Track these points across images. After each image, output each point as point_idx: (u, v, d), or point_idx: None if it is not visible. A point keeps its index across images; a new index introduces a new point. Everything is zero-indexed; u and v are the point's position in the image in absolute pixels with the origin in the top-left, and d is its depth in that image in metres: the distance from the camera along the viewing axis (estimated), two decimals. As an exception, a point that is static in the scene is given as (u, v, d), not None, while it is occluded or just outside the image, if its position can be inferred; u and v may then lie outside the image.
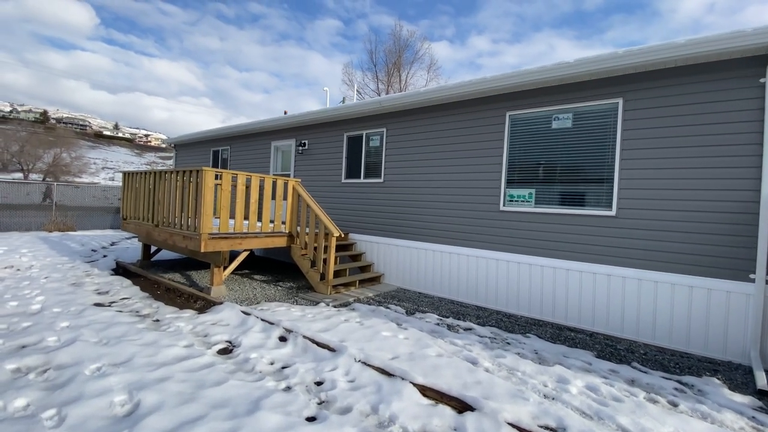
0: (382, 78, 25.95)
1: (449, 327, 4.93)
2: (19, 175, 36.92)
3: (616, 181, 4.92)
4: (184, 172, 5.75)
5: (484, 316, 5.52)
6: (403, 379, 3.23)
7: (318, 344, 3.92)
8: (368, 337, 4.26)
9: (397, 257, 7.09)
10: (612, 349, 4.49)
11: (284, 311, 5.13)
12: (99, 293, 5.86)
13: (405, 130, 7.06)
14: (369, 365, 3.49)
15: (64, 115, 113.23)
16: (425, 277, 6.69)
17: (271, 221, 6.38)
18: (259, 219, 7.07)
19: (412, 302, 6.04)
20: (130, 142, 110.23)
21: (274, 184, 6.35)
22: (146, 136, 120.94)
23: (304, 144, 8.87)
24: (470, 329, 4.91)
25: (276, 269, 8.24)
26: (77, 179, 40.06)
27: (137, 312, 5.03)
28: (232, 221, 5.94)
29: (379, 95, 24.40)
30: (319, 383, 3.28)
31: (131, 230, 7.37)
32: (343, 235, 6.27)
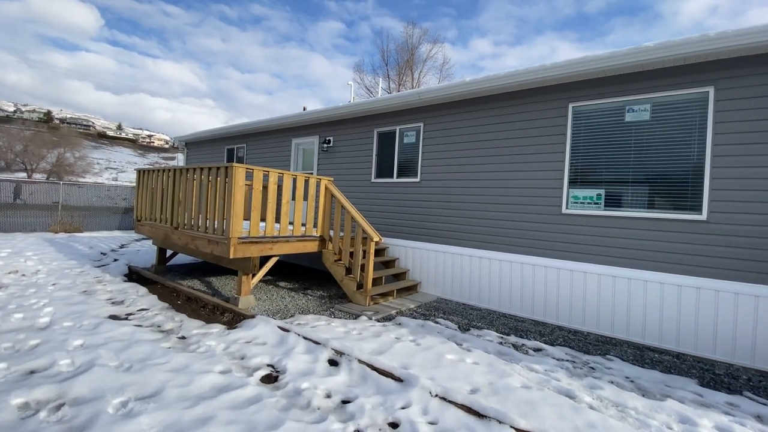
0: (393, 77, 25.41)
1: (515, 347, 4.32)
2: (23, 174, 36.51)
3: (707, 181, 4.31)
4: (209, 168, 5.16)
5: (546, 332, 4.90)
6: (500, 422, 2.62)
7: (379, 371, 3.31)
8: (432, 361, 3.65)
9: (435, 264, 6.48)
10: (712, 375, 3.87)
11: (325, 326, 4.52)
12: (113, 303, 5.26)
13: (446, 125, 6.46)
14: (450, 401, 2.88)
15: (68, 116, 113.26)
16: (470, 286, 6.07)
17: (303, 224, 5.78)
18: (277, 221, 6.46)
19: (460, 315, 5.42)
20: (133, 143, 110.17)
21: (307, 183, 5.75)
22: (149, 136, 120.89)
23: (329, 141, 8.27)
24: (540, 350, 4.28)
25: (300, 275, 7.63)
26: (80, 179, 39.65)
27: (159, 327, 4.43)
28: (261, 224, 5.34)
29: (390, 93, 23.83)
30: (394, 425, 2.67)
31: (146, 233, 6.78)
32: (381, 240, 5.67)
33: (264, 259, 5.40)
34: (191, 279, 6.81)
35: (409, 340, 4.21)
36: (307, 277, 7.56)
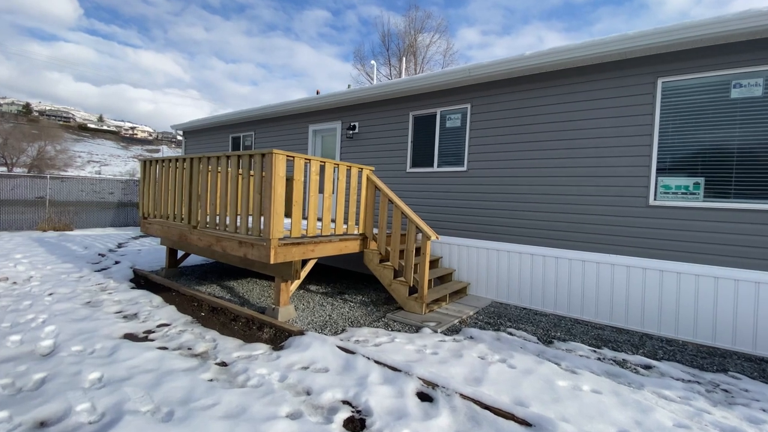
0: (394, 64, 24.41)
1: (618, 364, 3.66)
2: (3, 169, 34.60)
3: (840, 166, 3.66)
4: (239, 157, 4.32)
5: (637, 342, 4.26)
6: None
7: (493, 411, 2.60)
8: (545, 390, 2.95)
9: (488, 263, 5.78)
10: None
11: (390, 344, 3.79)
12: (125, 317, 4.44)
13: (500, 106, 5.70)
14: (610, 456, 2.19)
15: (47, 108, 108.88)
16: (531, 288, 5.39)
17: (345, 221, 5.00)
18: (319, 218, 5.68)
19: (529, 323, 4.75)
20: (115, 135, 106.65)
21: (348, 173, 4.96)
22: (132, 128, 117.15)
23: (354, 127, 7.45)
24: (649, 367, 3.63)
25: (329, 277, 6.86)
26: (63, 173, 37.86)
27: (190, 349, 3.64)
28: (302, 222, 4.55)
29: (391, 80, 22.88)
30: (552, 497, 1.97)
31: (155, 232, 5.92)
32: (438, 238, 4.93)
33: (301, 263, 4.62)
34: (209, 284, 5.99)
35: (497, 360, 3.51)
36: (337, 278, 6.80)
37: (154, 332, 4.05)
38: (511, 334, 4.30)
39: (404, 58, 23.73)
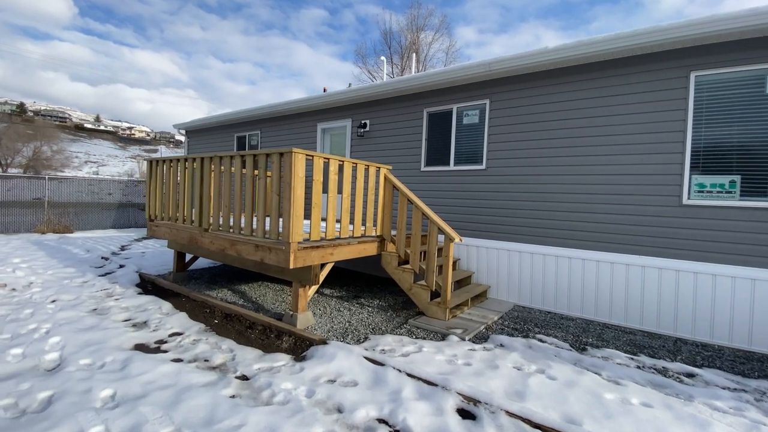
0: (396, 62, 24.20)
1: (660, 372, 3.47)
2: (-3, 169, 34.16)
3: None
4: (254, 156, 4.10)
5: (674, 349, 4.07)
6: None
7: (546, 431, 2.40)
8: (593, 405, 2.76)
9: (509, 265, 5.58)
10: None
11: (417, 354, 3.58)
12: (135, 326, 4.22)
13: (520, 101, 5.50)
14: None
15: (43, 108, 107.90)
16: (555, 291, 5.20)
17: (363, 223, 4.79)
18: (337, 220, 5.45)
19: (558, 329, 4.55)
20: (112, 135, 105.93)
21: (367, 172, 4.75)
22: (129, 128, 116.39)
23: (364, 125, 7.23)
24: (692, 375, 3.45)
25: (342, 280, 6.65)
26: (59, 174, 37.43)
27: (207, 361, 3.42)
28: (321, 224, 4.33)
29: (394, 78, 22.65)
30: None
31: (162, 235, 5.69)
32: (461, 239, 4.72)
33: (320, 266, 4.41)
34: (219, 288, 5.76)
35: (534, 370, 3.31)
36: (350, 281, 6.59)
37: (166, 342, 3.83)
38: (541, 341, 4.11)
39: (411, 55, 23.49)
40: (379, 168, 4.92)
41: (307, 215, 5.01)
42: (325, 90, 10.38)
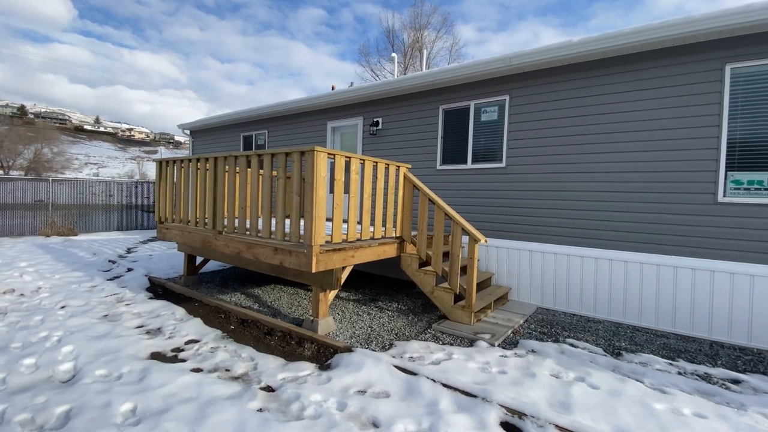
0: (400, 60, 23.98)
1: (702, 378, 3.30)
2: (0, 172, 34.07)
3: None
4: (273, 155, 3.93)
5: (711, 353, 3.90)
6: None
7: (602, 446, 2.24)
8: (645, 417, 2.59)
9: (531, 266, 5.41)
10: None
11: (447, 361, 3.42)
12: (149, 333, 4.05)
13: (541, 97, 5.32)
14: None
15: (43, 110, 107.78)
16: (580, 293, 5.03)
17: (383, 224, 4.62)
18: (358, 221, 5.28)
19: (587, 332, 4.38)
20: (112, 137, 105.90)
21: (387, 170, 4.58)
22: (129, 129, 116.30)
23: (377, 123, 7.06)
24: (738, 381, 3.28)
25: (356, 282, 6.48)
26: (60, 175, 37.31)
27: (228, 371, 3.26)
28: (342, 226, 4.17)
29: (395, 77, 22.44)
30: None
31: (173, 238, 5.52)
32: (486, 241, 4.55)
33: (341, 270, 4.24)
34: (232, 292, 5.60)
35: (573, 378, 3.15)
36: (364, 283, 6.42)
37: (183, 350, 3.66)
38: (573, 345, 3.94)
39: (415, 54, 23.30)
40: (399, 167, 4.75)
41: (329, 216, 4.84)
42: (333, 88, 10.22)
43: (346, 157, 3.92)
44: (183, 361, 3.43)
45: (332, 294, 4.23)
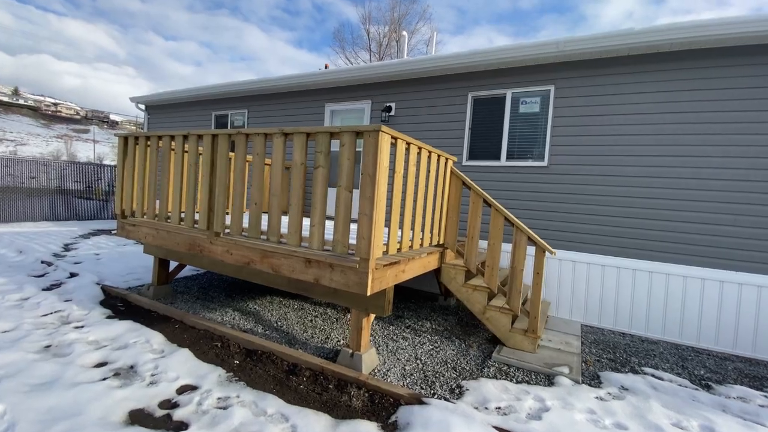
0: (374, 50, 23.02)
1: (826, 422, 2.86)
2: None
3: None
4: (309, 134, 2.90)
5: (795, 382, 3.54)
6: None
7: None
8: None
9: (573, 279, 4.85)
10: None
11: (544, 410, 2.67)
12: (117, 375, 2.88)
13: (593, 89, 4.75)
14: None
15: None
16: (630, 309, 4.55)
17: (431, 230, 3.75)
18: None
19: (651, 356, 3.87)
20: (34, 111, 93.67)
21: (438, 162, 3.72)
22: (55, 104, 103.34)
23: (389, 109, 6.14)
24: None
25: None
26: (-32, 151, 31.67)
27: (258, 443, 2.24)
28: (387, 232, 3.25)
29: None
30: None
31: (142, 238, 4.24)
32: (554, 253, 3.85)
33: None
34: (221, 308, 4.44)
35: (697, 427, 2.54)
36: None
37: (178, 405, 2.56)
38: (657, 377, 3.38)
39: (392, 43, 22.36)
40: (447, 159, 3.91)
41: (395, 222, 3.89)
42: (326, 67, 9.11)
43: (407, 142, 3.00)
44: (185, 427, 2.35)
45: (371, 318, 3.31)
